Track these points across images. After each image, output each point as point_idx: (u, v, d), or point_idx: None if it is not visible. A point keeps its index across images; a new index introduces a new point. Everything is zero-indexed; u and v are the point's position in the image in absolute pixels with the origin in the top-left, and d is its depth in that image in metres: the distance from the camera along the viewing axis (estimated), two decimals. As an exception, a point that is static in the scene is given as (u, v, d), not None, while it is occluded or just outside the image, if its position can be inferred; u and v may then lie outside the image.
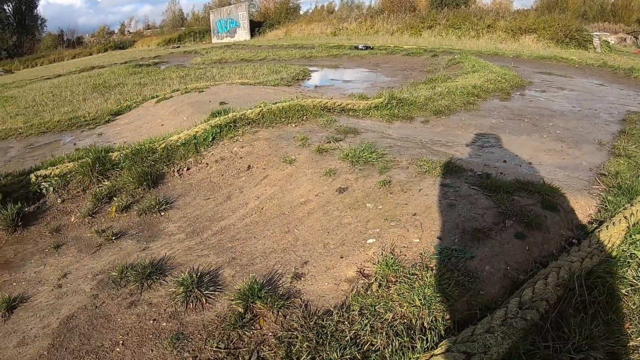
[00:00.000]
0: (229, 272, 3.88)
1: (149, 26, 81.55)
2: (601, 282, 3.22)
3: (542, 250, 3.73)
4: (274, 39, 46.96)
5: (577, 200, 4.57)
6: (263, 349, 2.97)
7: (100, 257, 4.38)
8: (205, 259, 4.12)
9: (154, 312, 3.42)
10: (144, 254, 4.31)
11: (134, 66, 24.34)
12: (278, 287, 3.58)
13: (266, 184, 5.56)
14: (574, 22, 31.72)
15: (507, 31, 32.10)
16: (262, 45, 36.46)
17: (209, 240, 4.50)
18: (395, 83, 14.15)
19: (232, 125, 7.06)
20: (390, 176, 5.02)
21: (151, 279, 3.77)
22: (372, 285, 3.42)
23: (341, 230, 4.27)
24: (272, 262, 3.98)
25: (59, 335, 3.28)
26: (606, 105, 10.78)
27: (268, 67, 18.70)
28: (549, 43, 29.01)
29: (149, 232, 4.82)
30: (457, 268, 3.40)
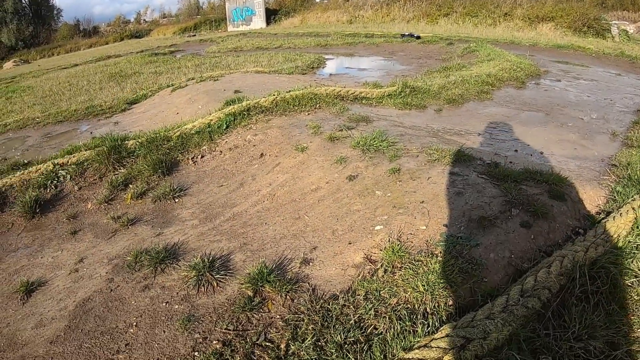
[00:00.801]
0: (240, 257, 3.97)
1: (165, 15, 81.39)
2: (605, 272, 3.23)
3: (548, 240, 3.74)
4: (290, 27, 46.79)
5: (586, 190, 4.57)
6: (270, 330, 3.05)
7: (116, 242, 4.48)
8: (217, 244, 4.21)
9: (167, 295, 3.51)
10: (157, 239, 4.40)
11: (149, 55, 24.37)
12: (287, 272, 3.66)
13: (278, 172, 5.63)
14: (592, 10, 31.40)
15: (524, 19, 31.77)
16: (278, 34, 36.28)
17: (221, 226, 4.58)
18: (410, 71, 14.06)
19: (246, 114, 7.12)
20: (400, 164, 5.05)
21: (164, 264, 3.87)
22: (378, 271, 3.48)
23: (350, 217, 4.33)
24: (282, 247, 4.06)
25: (75, 317, 3.38)
26: (622, 95, 10.68)
27: (283, 55, 18.64)
28: (566, 32, 28.71)
29: (163, 219, 4.90)
30: (461, 255, 3.45)
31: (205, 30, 55.63)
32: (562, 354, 2.69)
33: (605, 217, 4.08)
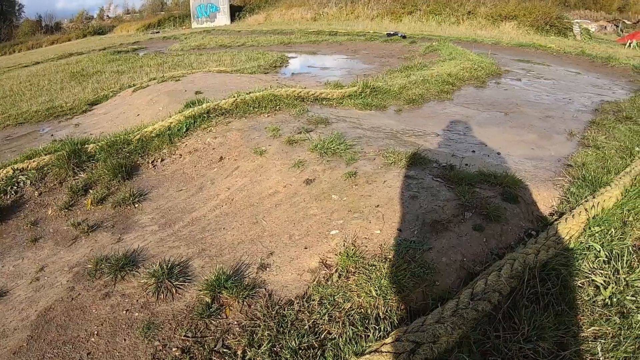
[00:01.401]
0: (199, 263, 3.97)
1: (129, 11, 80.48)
2: (555, 274, 3.34)
3: (500, 242, 3.83)
4: (254, 23, 46.66)
5: (540, 191, 4.69)
6: (228, 337, 3.07)
7: (77, 249, 4.42)
8: (176, 250, 4.19)
9: (127, 302, 3.50)
10: (117, 246, 4.36)
11: (112, 53, 24.05)
12: (244, 278, 3.66)
13: (237, 175, 5.61)
14: (554, 9, 32.02)
15: (488, 18, 32.22)
16: (242, 31, 36.17)
17: (180, 232, 4.56)
18: (372, 70, 14.18)
19: (206, 116, 7.09)
20: (356, 167, 5.10)
21: (124, 271, 3.84)
22: (332, 276, 3.52)
23: (306, 222, 4.35)
24: (239, 253, 4.06)
25: (38, 327, 3.35)
26: (581, 94, 10.93)
27: (246, 53, 18.61)
28: (529, 30, 29.20)
29: (123, 224, 4.85)
30: (413, 259, 3.51)
31: (169, 27, 55.05)
32: (512, 355, 2.77)
33: (558, 218, 4.19)
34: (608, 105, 9.58)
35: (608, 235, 3.94)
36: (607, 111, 8.98)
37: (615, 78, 14.36)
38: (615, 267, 3.54)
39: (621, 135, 7.05)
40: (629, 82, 13.73)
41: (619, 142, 6.64)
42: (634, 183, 4.95)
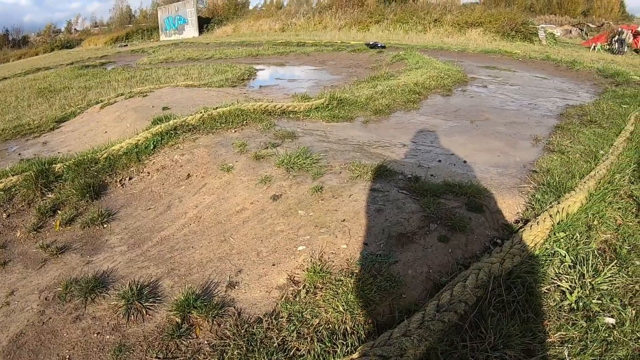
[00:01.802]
0: (168, 282, 3.94)
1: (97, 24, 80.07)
2: (521, 281, 3.39)
3: (466, 252, 3.88)
4: (222, 35, 46.80)
5: (505, 199, 4.76)
6: (199, 357, 3.06)
7: (46, 272, 4.35)
8: (145, 270, 4.16)
9: (98, 325, 3.47)
10: (87, 267, 4.30)
11: (79, 68, 23.88)
12: (213, 297, 3.65)
13: (204, 193, 5.59)
14: (519, 15, 32.57)
15: (454, 25, 32.70)
16: (210, 43, 36.24)
17: (149, 252, 4.52)
18: (340, 81, 14.28)
19: (173, 133, 7.02)
20: (322, 182, 5.12)
21: (95, 293, 3.80)
22: (300, 292, 3.52)
23: (274, 238, 4.35)
24: (208, 271, 4.04)
25: (9, 353, 3.30)
26: (546, 99, 11.14)
27: (214, 67, 18.58)
28: (494, 36, 29.68)
29: (92, 245, 4.78)
30: (380, 273, 3.53)
31: (138, 40, 54.99)
32: (479, 365, 2.80)
33: (523, 225, 4.25)
34: (573, 109, 9.76)
35: (573, 240, 4.03)
36: (572, 115, 9.14)
37: (580, 82, 14.66)
38: (580, 272, 3.62)
39: (586, 139, 7.18)
40: (594, 85, 14.03)
41: (583, 146, 6.76)
42: (598, 187, 5.05)
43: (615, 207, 4.77)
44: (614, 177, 5.37)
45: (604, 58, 21.61)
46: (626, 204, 4.91)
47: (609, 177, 5.34)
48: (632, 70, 16.54)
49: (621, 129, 7.80)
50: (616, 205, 4.83)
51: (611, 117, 8.84)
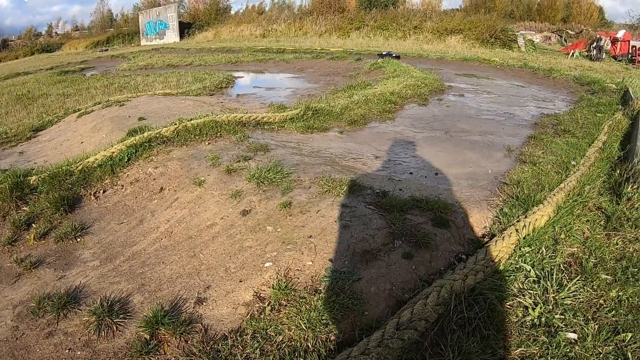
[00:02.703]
0: (139, 298, 3.95)
1: (77, 27, 79.38)
2: (483, 298, 3.43)
3: (430, 268, 3.91)
4: (203, 40, 46.74)
5: (473, 213, 4.81)
6: (166, 373, 3.06)
7: (20, 287, 4.33)
8: (117, 286, 4.16)
9: (70, 341, 3.48)
10: (60, 282, 4.29)
11: (58, 73, 23.62)
12: (182, 313, 3.67)
13: (176, 207, 5.57)
14: (499, 22, 32.91)
15: (434, 32, 32.96)
16: (191, 49, 36.13)
17: (121, 267, 4.51)
18: (317, 90, 14.35)
19: (147, 145, 6.98)
20: (291, 197, 5.14)
21: (67, 309, 3.80)
22: (265, 309, 3.55)
23: (242, 254, 4.36)
24: (178, 287, 4.05)
25: None
26: (522, 108, 11.27)
27: (193, 74, 18.48)
28: (474, 43, 29.94)
29: (66, 260, 4.76)
30: (342, 291, 3.56)
31: (118, 45, 54.69)
32: (438, 383, 2.83)
33: (489, 240, 4.29)
34: (547, 118, 9.88)
35: (539, 254, 4.08)
36: (546, 125, 9.25)
37: (556, 90, 14.84)
38: (544, 287, 3.68)
39: (558, 149, 7.26)
40: (570, 93, 14.22)
41: (556, 157, 6.84)
42: (567, 199, 5.12)
43: (583, 220, 4.84)
44: (584, 188, 5.45)
45: (581, 65, 21.91)
46: (594, 217, 4.99)
47: (578, 189, 5.41)
48: (608, 77, 16.80)
49: (594, 138, 7.91)
50: (584, 217, 4.90)
51: (585, 127, 8.97)
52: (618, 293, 3.69)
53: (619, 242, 4.48)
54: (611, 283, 3.84)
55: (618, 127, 8.92)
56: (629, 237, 4.55)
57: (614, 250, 4.34)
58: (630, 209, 5.01)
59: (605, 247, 4.35)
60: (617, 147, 7.51)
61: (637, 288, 3.74)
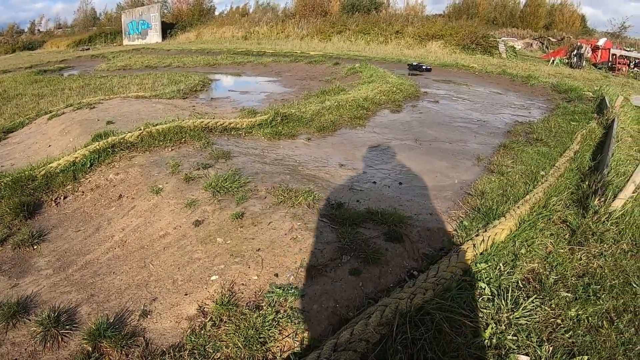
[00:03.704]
0: (86, 309, 3.87)
1: (60, 25, 78.69)
2: (430, 318, 3.28)
3: (378, 285, 3.78)
4: (185, 41, 46.65)
5: (431, 227, 4.69)
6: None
7: None
8: (67, 296, 4.07)
9: (16, 352, 3.42)
10: (13, 291, 4.21)
11: (36, 73, 23.40)
12: (126, 325, 3.61)
13: (133, 215, 5.44)
14: (480, 28, 33.10)
15: (415, 37, 33.09)
16: (171, 50, 36.03)
17: (73, 276, 4.41)
18: (292, 94, 14.25)
19: (111, 151, 6.84)
20: (245, 208, 5.01)
21: (16, 318, 3.74)
22: (207, 325, 3.47)
23: (190, 266, 4.25)
24: (125, 298, 3.96)
25: None
26: (496, 115, 11.22)
27: (169, 76, 18.37)
28: (455, 49, 30.06)
29: (21, 268, 4.66)
30: (284, 307, 3.47)
31: (100, 44, 54.37)
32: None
33: (443, 256, 4.15)
34: (521, 126, 9.84)
35: (496, 270, 3.96)
36: (519, 133, 9.20)
37: (533, 97, 14.86)
38: (498, 305, 3.52)
39: (529, 158, 7.19)
40: (547, 100, 14.24)
41: (525, 166, 6.77)
42: (531, 212, 5.00)
43: (546, 234, 4.71)
44: (550, 200, 5.33)
45: (561, 72, 22.00)
46: (559, 230, 4.87)
47: (544, 201, 5.30)
48: (587, 85, 16.85)
49: (566, 148, 7.82)
50: (548, 231, 4.78)
51: (558, 135, 8.92)
52: (577, 312, 3.56)
53: (582, 258, 4.35)
54: (571, 301, 3.71)
55: (591, 136, 8.87)
56: (594, 252, 4.44)
57: (576, 265, 4.23)
58: (596, 223, 4.89)
59: (568, 263, 4.23)
60: (588, 157, 7.42)
61: (598, 307, 3.62)
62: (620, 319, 3.52)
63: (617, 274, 4.10)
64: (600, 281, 3.96)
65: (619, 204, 5.13)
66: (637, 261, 4.36)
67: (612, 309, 3.63)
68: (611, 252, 4.44)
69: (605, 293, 3.81)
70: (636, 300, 3.74)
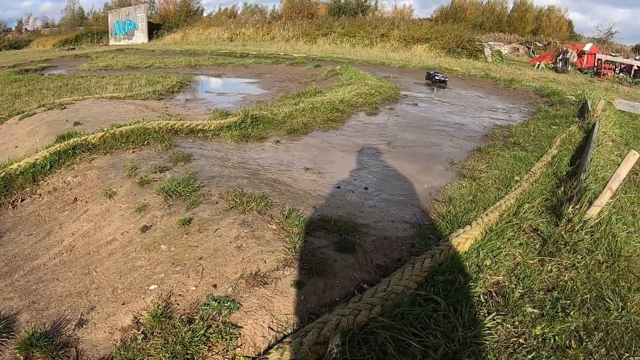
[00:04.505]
0: (26, 317, 3.73)
1: (48, 24, 78.14)
2: (374, 337, 3.00)
3: (322, 299, 3.52)
4: (171, 42, 46.53)
5: (389, 235, 4.44)
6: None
7: None
8: (9, 302, 3.95)
9: None
10: None
11: (17, 72, 23.10)
12: (60, 335, 3.47)
13: (84, 220, 5.24)
14: (466, 32, 33.20)
15: (400, 40, 33.13)
16: (156, 50, 35.84)
17: (18, 282, 4.28)
18: (269, 96, 14.03)
19: (71, 152, 6.67)
20: (194, 213, 4.77)
21: None
22: (138, 337, 3.31)
23: (132, 274, 4.06)
24: (64, 306, 3.84)
25: None
26: (476, 119, 11.05)
27: (149, 77, 18.17)
28: (440, 52, 30.11)
29: None
30: (216, 321, 3.25)
31: (87, 44, 54.01)
32: None
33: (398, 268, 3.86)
34: (499, 130, 9.69)
35: (457, 283, 3.67)
36: (497, 137, 9.04)
37: (515, 100, 14.77)
38: (454, 323, 3.22)
39: (504, 163, 7.02)
40: (529, 104, 14.15)
41: (500, 171, 6.59)
42: (501, 219, 4.74)
43: (515, 244, 4.45)
44: (522, 207, 5.07)
45: (545, 77, 21.94)
46: (529, 240, 4.61)
47: (515, 208, 5.04)
48: (571, 89, 16.78)
49: (545, 152, 7.60)
50: (517, 241, 4.51)
51: (537, 139, 8.77)
52: (543, 330, 3.30)
53: (553, 270, 4.10)
54: (537, 318, 3.44)
55: (571, 141, 8.70)
56: (565, 264, 4.19)
57: (546, 278, 3.97)
58: (569, 232, 4.63)
59: (537, 275, 3.97)
60: (567, 162, 7.20)
61: (567, 324, 3.36)
62: (590, 338, 3.27)
63: (590, 287, 3.88)
64: (570, 296, 3.72)
65: (595, 211, 4.87)
66: (612, 273, 4.13)
67: (582, 327, 3.39)
68: (584, 263, 4.22)
69: (576, 309, 3.56)
70: (609, 317, 3.51)
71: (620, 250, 4.45)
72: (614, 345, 3.22)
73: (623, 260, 4.34)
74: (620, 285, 3.95)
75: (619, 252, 4.42)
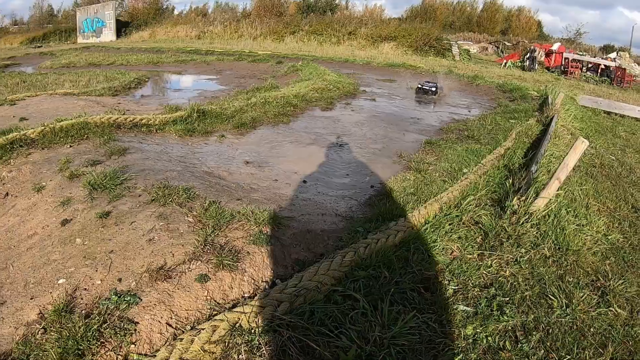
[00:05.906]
0: None
1: (16, 22, 77.09)
2: (274, 338, 2.78)
3: (229, 295, 3.32)
4: (138, 40, 46.11)
5: (312, 229, 4.24)
6: None
7: None
8: None
9: None
10: None
11: (-22, 69, 22.68)
12: None
13: (11, 214, 5.03)
14: (434, 30, 33.41)
15: (368, 38, 33.14)
16: (122, 48, 35.42)
17: None
18: (225, 92, 13.84)
19: (9, 147, 6.42)
20: (114, 206, 4.56)
21: None
22: (37, 332, 3.11)
23: (45, 268, 3.86)
24: None
25: None
26: (434, 113, 11.03)
27: (108, 74, 17.81)
28: (407, 50, 30.11)
29: None
30: (113, 317, 3.06)
31: (55, 41, 53.23)
32: None
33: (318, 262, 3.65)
34: (455, 124, 9.61)
35: (380, 280, 3.44)
36: (451, 130, 8.98)
37: (477, 96, 14.84)
38: (371, 322, 2.99)
39: (455, 155, 6.91)
40: (490, 99, 14.15)
41: (449, 164, 6.47)
42: (440, 212, 4.56)
43: (454, 237, 4.25)
44: (465, 199, 4.89)
45: (511, 74, 22.07)
46: (469, 233, 4.41)
47: (458, 200, 4.87)
48: (536, 86, 16.81)
49: (498, 145, 7.48)
50: (455, 234, 4.31)
51: (493, 133, 8.70)
52: (475, 330, 3.10)
53: (493, 264, 3.92)
54: (470, 317, 3.24)
55: (527, 134, 8.61)
56: (506, 258, 4.01)
57: (484, 274, 3.78)
58: (513, 225, 4.46)
59: (474, 271, 3.79)
60: (520, 154, 7.07)
61: (501, 324, 3.16)
62: (527, 338, 3.07)
63: (533, 283, 3.70)
64: (509, 292, 3.54)
65: (542, 203, 4.73)
66: (559, 268, 3.97)
67: (520, 327, 3.18)
68: (528, 258, 4.05)
69: (514, 307, 3.36)
70: (551, 315, 3.31)
71: (569, 244, 4.30)
72: (554, 346, 3.00)
73: (571, 254, 4.20)
74: (566, 281, 3.76)
75: (567, 246, 4.27)
